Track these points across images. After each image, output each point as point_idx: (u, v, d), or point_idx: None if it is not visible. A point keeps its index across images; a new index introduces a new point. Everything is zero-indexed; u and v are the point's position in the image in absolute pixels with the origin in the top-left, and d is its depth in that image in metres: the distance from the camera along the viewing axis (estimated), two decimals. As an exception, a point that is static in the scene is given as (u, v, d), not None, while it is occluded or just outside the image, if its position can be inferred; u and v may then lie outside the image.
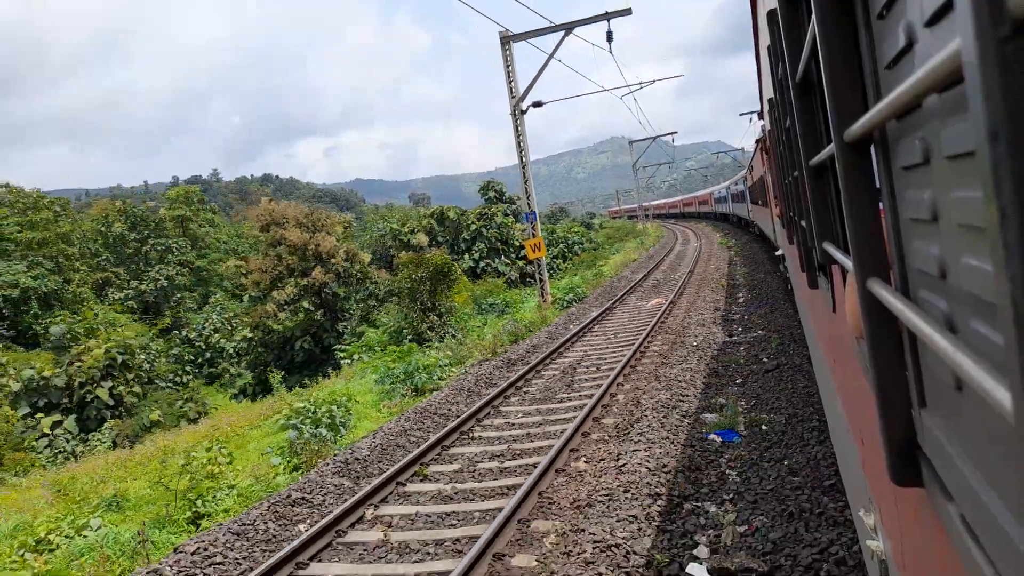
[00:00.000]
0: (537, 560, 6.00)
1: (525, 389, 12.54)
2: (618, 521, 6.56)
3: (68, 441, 26.22)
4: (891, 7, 1.25)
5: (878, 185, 1.50)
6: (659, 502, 6.96)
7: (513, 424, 10.48)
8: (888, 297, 1.28)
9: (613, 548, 6.06)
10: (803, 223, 4.46)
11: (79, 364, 28.46)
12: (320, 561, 6.56)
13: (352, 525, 7.25)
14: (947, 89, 0.95)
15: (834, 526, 5.91)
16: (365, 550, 6.69)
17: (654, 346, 14.46)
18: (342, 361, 24.04)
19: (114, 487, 13.17)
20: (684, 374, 12.02)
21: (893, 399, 1.46)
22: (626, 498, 7.08)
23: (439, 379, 14.96)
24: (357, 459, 9.51)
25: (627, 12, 21.42)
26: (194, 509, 9.46)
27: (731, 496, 6.96)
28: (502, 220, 36.27)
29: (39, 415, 26.77)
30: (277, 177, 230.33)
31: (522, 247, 31.11)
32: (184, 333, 39.32)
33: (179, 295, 49.88)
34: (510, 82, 22.65)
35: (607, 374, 12.49)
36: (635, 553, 5.98)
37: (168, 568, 6.66)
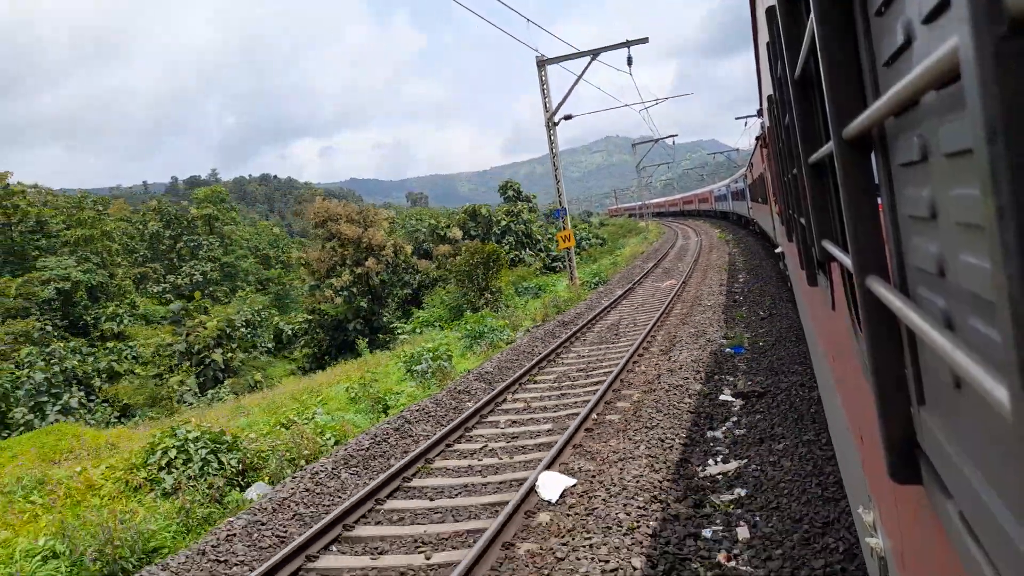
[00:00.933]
0: (632, 402, 10.59)
1: (583, 338, 16.75)
2: (677, 382, 11.41)
3: (194, 395, 30.73)
4: (889, 4, 1.25)
5: (877, 182, 1.50)
6: (700, 374, 11.82)
7: (584, 356, 14.82)
8: (887, 295, 1.28)
9: (678, 388, 11.05)
10: (802, 220, 4.46)
11: (197, 334, 34.63)
12: (488, 417, 11.04)
13: (504, 400, 11.95)
14: (945, 86, 0.95)
15: (801, 375, 10.58)
16: (516, 411, 11.24)
17: (676, 310, 18.70)
18: (400, 335, 28.34)
19: (308, 402, 15.92)
20: (703, 321, 16.41)
21: (892, 397, 1.46)
22: (679, 372, 11.99)
23: (506, 338, 19.06)
24: (484, 373, 14.01)
25: (645, 40, 25.06)
26: (383, 404, 13.69)
27: (741, 372, 11.86)
28: (527, 216, 40.39)
29: (166, 375, 32.45)
30: (275, 177, 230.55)
31: (540, 239, 37.47)
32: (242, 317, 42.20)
33: (211, 288, 53.54)
34: (545, 98, 26.15)
35: (644, 326, 16.52)
36: (690, 393, 10.84)
37: (407, 413, 11.44)
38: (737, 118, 42.63)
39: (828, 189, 2.78)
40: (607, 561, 5.84)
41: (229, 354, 34.66)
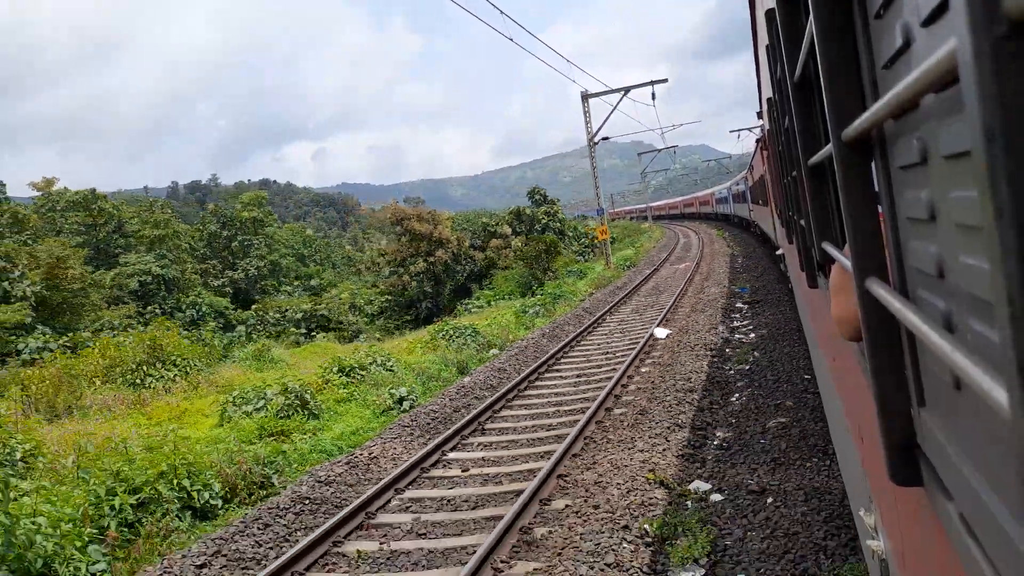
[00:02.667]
0: (686, 311, 18.97)
1: (633, 297, 23.87)
2: (708, 312, 18.46)
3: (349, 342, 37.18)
4: (888, 6, 1.25)
5: (876, 185, 1.50)
6: (723, 300, 20.07)
7: (643, 301, 22.55)
8: (887, 296, 1.28)
9: (712, 303, 19.85)
10: (802, 223, 4.46)
11: (334, 302, 44.70)
12: (604, 320, 19.60)
13: (604, 319, 19.75)
14: (944, 89, 0.95)
15: (778, 294, 19.03)
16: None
17: (696, 279, 26.11)
18: (474, 308, 34.55)
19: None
20: (718, 280, 24.67)
21: (892, 398, 1.46)
22: (709, 305, 19.56)
23: (580, 298, 26.28)
24: (584, 311, 22.11)
25: (665, 80, 34.13)
26: (525, 327, 21.76)
27: (746, 298, 19.64)
28: (562, 216, 49.87)
29: (312, 333, 39.83)
30: (275, 182, 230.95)
31: (570, 233, 47.40)
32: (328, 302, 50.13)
33: (263, 283, 60.45)
34: (587, 124, 34.10)
35: (677, 287, 23.59)
36: (720, 305, 19.24)
37: (546, 329, 19.68)
38: (731, 131, 48.84)
39: (828, 191, 2.79)
40: (702, 343, 14.74)
41: (355, 317, 44.38)
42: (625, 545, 6.26)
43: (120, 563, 7.22)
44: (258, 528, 7.64)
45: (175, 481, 8.50)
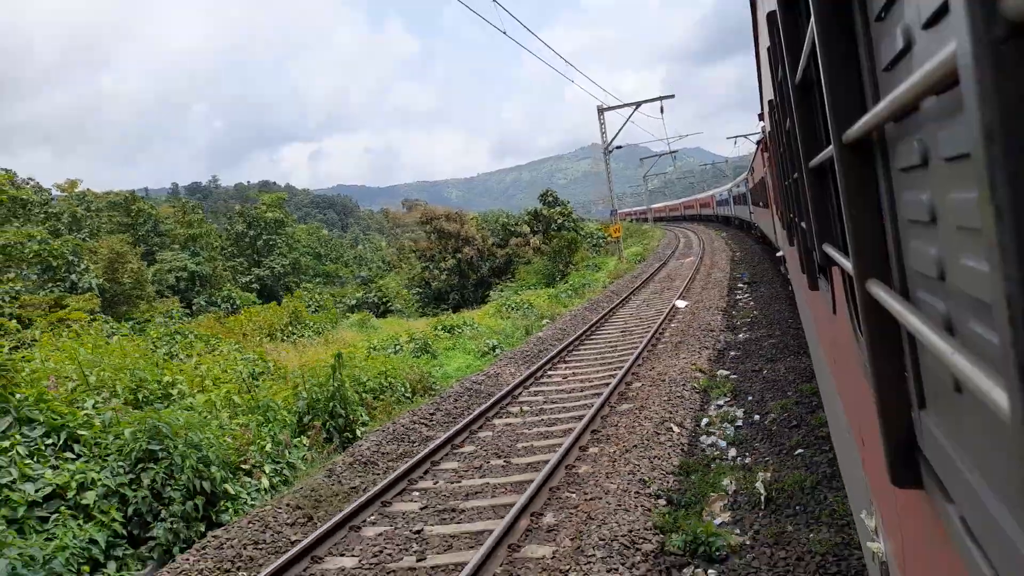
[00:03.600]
0: (697, 291, 23.39)
1: (650, 283, 27.67)
2: (716, 290, 22.92)
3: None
4: (889, 9, 1.25)
5: (878, 187, 1.50)
6: (727, 282, 24.39)
7: (660, 285, 26.59)
8: (887, 298, 1.28)
9: (719, 284, 24.29)
10: (803, 224, 4.46)
11: (384, 290, 50.54)
12: (629, 300, 23.55)
13: (630, 299, 23.78)
14: (944, 91, 0.95)
15: (771, 275, 23.51)
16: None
17: (702, 269, 29.84)
18: (501, 295, 37.44)
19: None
20: (721, 268, 28.80)
21: (892, 400, 1.46)
22: (716, 285, 24.10)
23: (602, 286, 29.85)
24: (610, 293, 26.10)
25: (672, 96, 39.55)
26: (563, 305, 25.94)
27: (745, 287, 22.72)
28: (575, 216, 54.27)
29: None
30: (275, 184, 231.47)
31: (582, 231, 51.62)
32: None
33: (286, 279, 64.16)
34: (603, 133, 38.35)
35: (687, 276, 27.39)
36: (725, 286, 23.62)
37: (576, 310, 23.36)
38: (729, 137, 52.05)
39: (829, 193, 2.78)
40: (714, 306, 19.57)
41: (399, 303, 49.38)
42: (685, 393, 11.35)
43: (376, 412, 12.54)
44: (450, 402, 12.61)
45: (387, 379, 13.88)
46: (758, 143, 19.31)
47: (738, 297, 20.85)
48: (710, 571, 5.91)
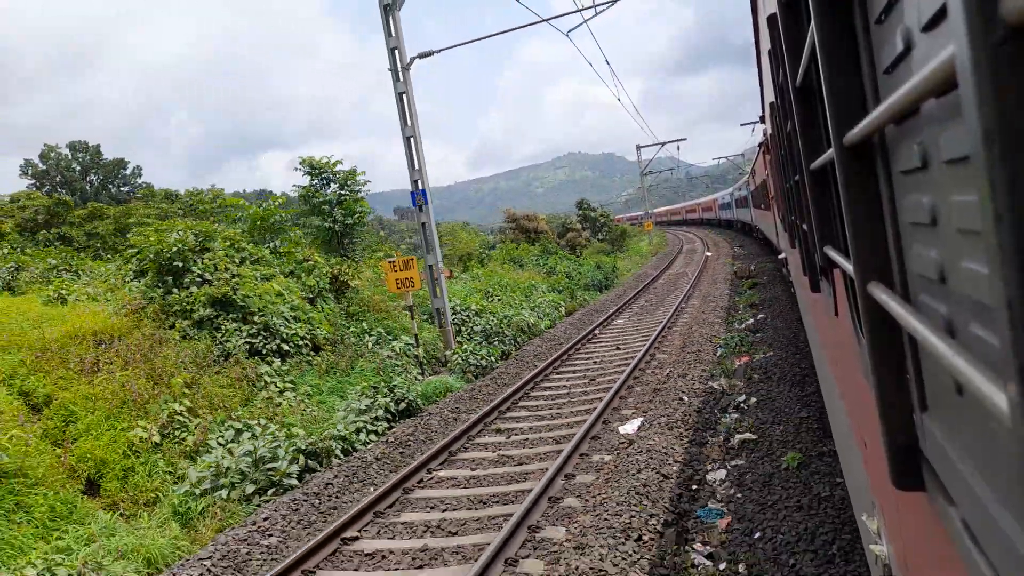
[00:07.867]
0: (711, 272, 31.86)
1: (673, 265, 38.06)
2: (721, 271, 31.27)
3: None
4: (889, 12, 1.25)
5: (878, 189, 1.50)
6: (730, 277, 28.75)
7: (686, 261, 40.72)
8: (888, 301, 1.28)
9: (725, 274, 30.13)
10: (804, 227, 4.46)
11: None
12: (668, 268, 37.48)
13: (671, 265, 39.37)
14: (944, 94, 0.95)
15: (770, 272, 26.44)
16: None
17: (711, 260, 36.70)
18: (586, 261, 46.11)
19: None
20: (726, 256, 38.80)
21: (894, 403, 1.45)
22: (721, 269, 32.29)
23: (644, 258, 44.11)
24: (648, 267, 40.43)
25: (684, 139, 51.68)
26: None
27: (747, 275, 27.52)
28: (613, 217, 65.56)
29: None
30: (270, 192, 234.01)
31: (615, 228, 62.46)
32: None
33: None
34: (640, 162, 54.28)
35: (701, 260, 37.09)
36: (727, 278, 28.40)
37: (632, 279, 34.96)
38: (715, 158, 62.56)
39: (830, 195, 2.78)
40: (725, 253, 40.75)
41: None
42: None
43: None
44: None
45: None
46: (760, 145, 19.28)
47: (736, 251, 35.84)
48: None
